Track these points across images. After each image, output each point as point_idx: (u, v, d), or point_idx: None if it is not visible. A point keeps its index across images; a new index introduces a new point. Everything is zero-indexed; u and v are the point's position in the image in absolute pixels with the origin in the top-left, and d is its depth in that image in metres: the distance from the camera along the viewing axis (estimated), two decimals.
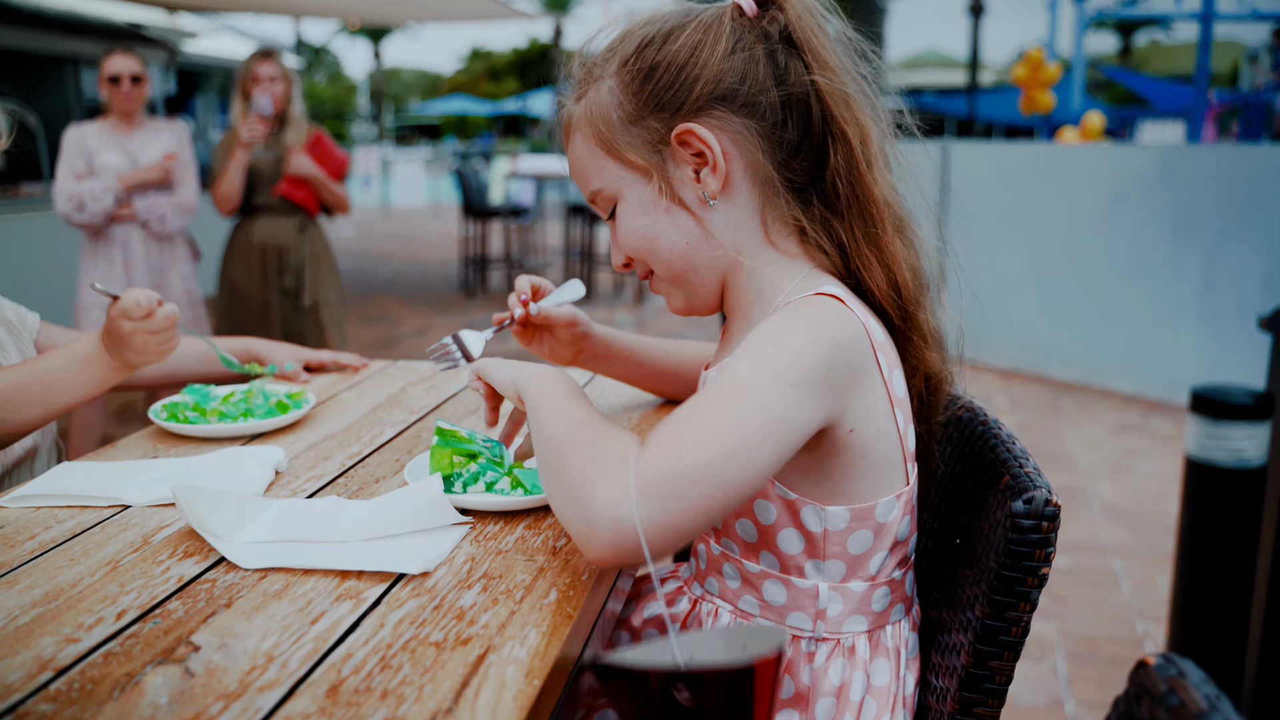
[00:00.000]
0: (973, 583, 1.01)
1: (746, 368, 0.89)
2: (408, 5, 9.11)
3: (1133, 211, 5.81)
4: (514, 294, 1.33)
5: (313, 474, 1.22)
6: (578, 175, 1.12)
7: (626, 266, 1.14)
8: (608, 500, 0.82)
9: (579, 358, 1.40)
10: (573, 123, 1.10)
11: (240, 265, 4.15)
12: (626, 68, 1.05)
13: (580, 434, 0.91)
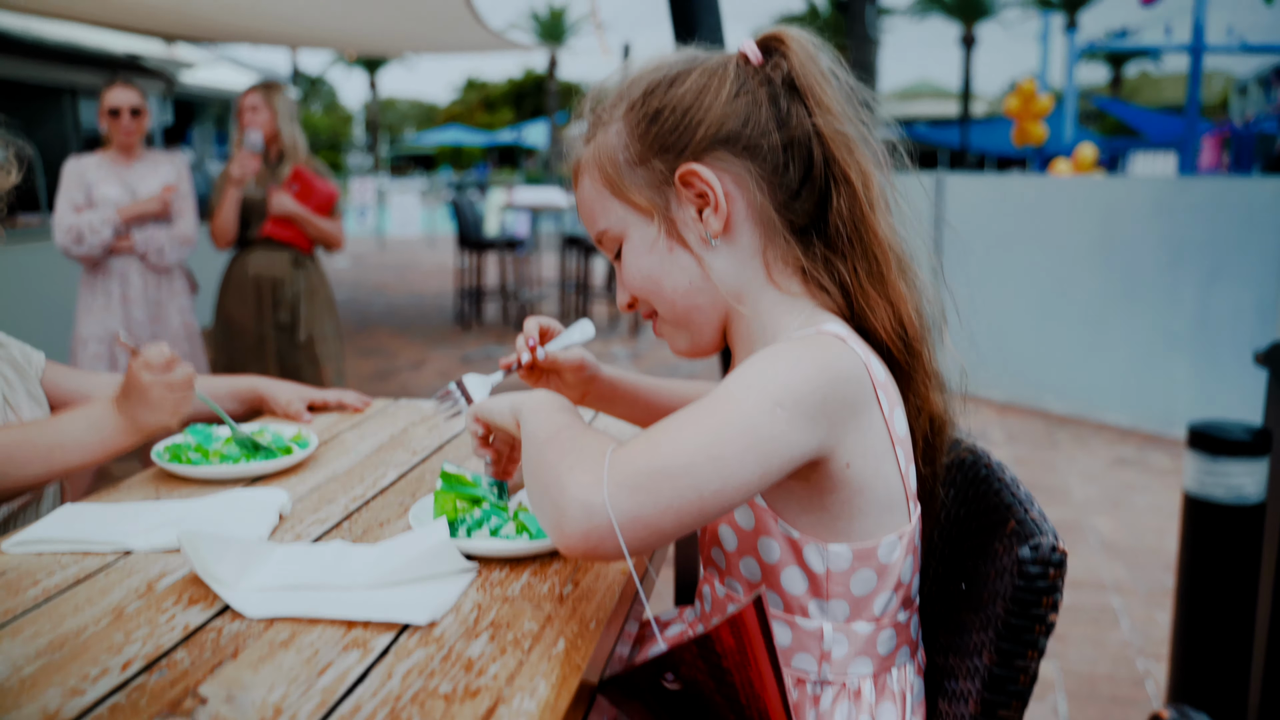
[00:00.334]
0: (979, 629, 1.01)
1: (736, 386, 0.92)
2: (404, 37, 9.17)
3: (1126, 244, 5.84)
4: (521, 336, 1.33)
5: (316, 518, 1.21)
6: (585, 216, 1.14)
7: (630, 307, 1.15)
8: (579, 487, 0.85)
9: (585, 399, 1.41)
10: (581, 165, 1.13)
11: (235, 299, 4.14)
12: (633, 111, 1.08)
13: (563, 434, 0.94)
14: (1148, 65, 46.22)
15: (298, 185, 4.02)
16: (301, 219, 4.02)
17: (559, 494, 0.86)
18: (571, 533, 0.85)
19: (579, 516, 0.84)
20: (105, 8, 6.53)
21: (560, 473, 0.88)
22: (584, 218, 1.14)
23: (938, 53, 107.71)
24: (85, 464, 1.32)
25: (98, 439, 1.32)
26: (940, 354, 1.10)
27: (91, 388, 1.60)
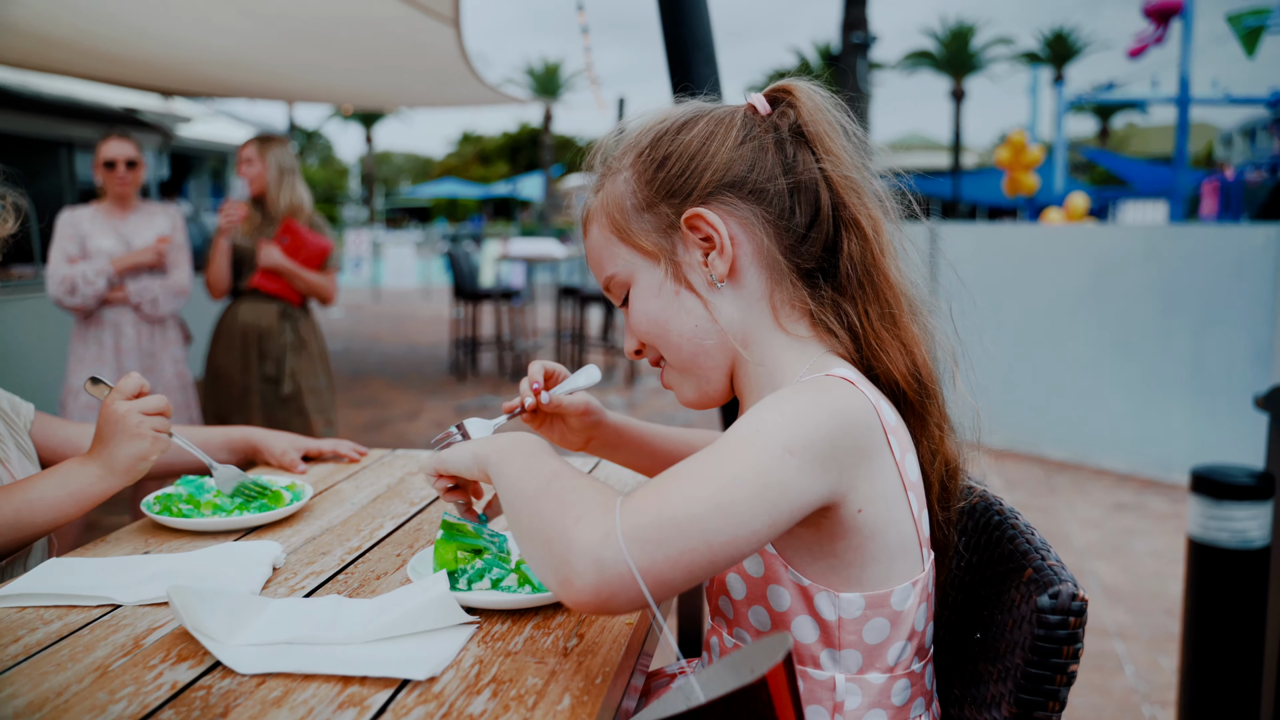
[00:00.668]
0: (997, 680, 0.98)
1: (746, 432, 0.90)
2: (400, 91, 9.25)
3: (1120, 291, 5.86)
4: (525, 380, 1.32)
5: (311, 570, 1.18)
6: (594, 263, 1.14)
7: (638, 354, 1.15)
8: (589, 541, 0.82)
9: (590, 445, 1.38)
10: (590, 214, 1.14)
11: (224, 349, 4.11)
12: (641, 158, 1.10)
13: (556, 483, 0.91)
14: (1135, 117, 46.92)
15: (288, 238, 4.01)
16: (289, 272, 4.00)
17: (565, 548, 0.83)
18: (582, 588, 0.82)
19: (589, 571, 0.81)
20: (103, 63, 6.59)
21: (564, 526, 0.84)
22: (592, 265, 1.15)
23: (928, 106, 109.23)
24: (57, 521, 1.27)
25: (67, 492, 1.27)
26: (952, 399, 1.09)
27: (81, 438, 1.57)
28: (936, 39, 41.89)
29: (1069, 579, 0.91)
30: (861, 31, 16.46)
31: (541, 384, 1.30)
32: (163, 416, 1.32)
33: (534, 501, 0.90)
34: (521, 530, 0.91)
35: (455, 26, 6.09)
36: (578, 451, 1.41)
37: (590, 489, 0.89)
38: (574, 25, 7.01)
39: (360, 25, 5.93)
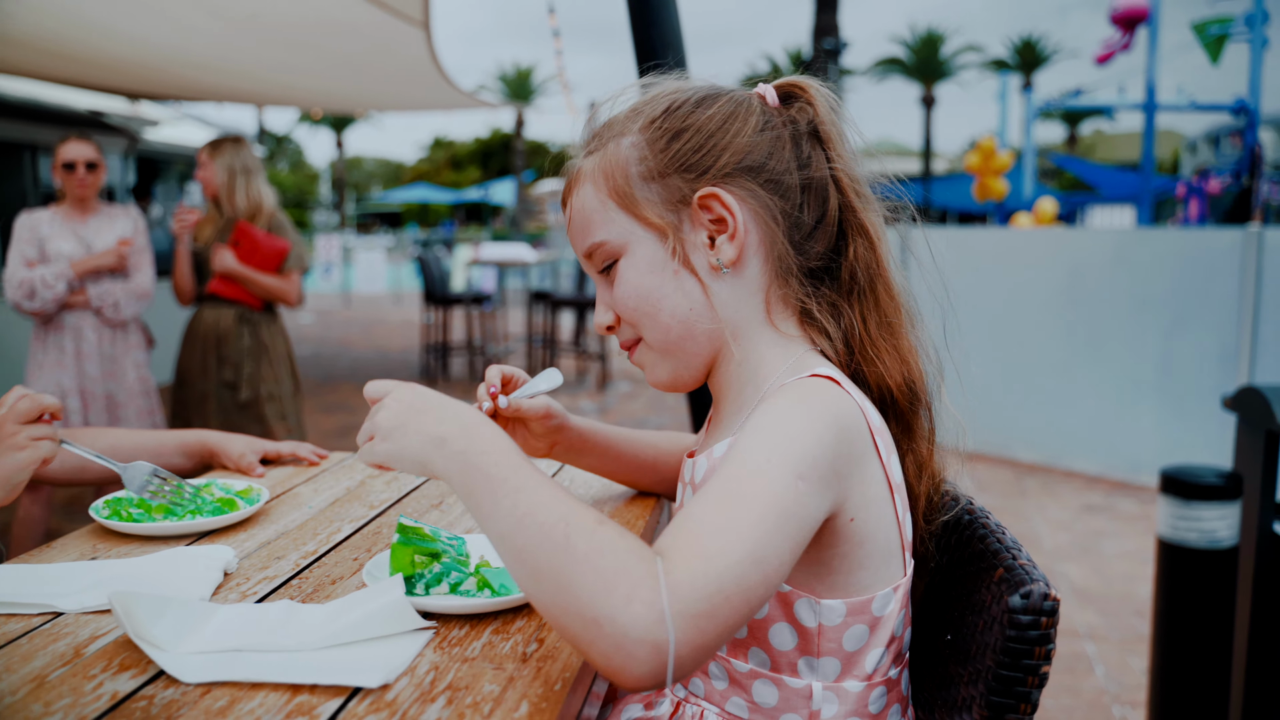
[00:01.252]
0: (968, 683, 0.95)
1: (756, 461, 0.86)
2: (371, 95, 9.19)
3: (1090, 294, 5.90)
4: (483, 385, 1.27)
5: (264, 575, 1.14)
6: (579, 227, 1.09)
7: (610, 329, 1.10)
8: (642, 627, 0.74)
9: (554, 450, 1.34)
10: (581, 174, 1.09)
11: (187, 354, 4.05)
12: (653, 126, 1.06)
13: (577, 539, 0.79)
14: (1102, 124, 47.48)
15: (241, 242, 3.94)
16: (243, 277, 3.94)
17: (616, 634, 0.74)
18: (641, 675, 0.75)
19: (647, 659, 0.74)
20: (67, 64, 6.50)
21: (611, 608, 0.75)
22: (577, 228, 1.09)
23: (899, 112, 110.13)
24: None
25: None
26: (937, 409, 1.09)
27: None
28: (907, 46, 42.20)
29: (1040, 578, 0.89)
30: (833, 38, 16.54)
31: (499, 388, 1.26)
32: (44, 424, 1.26)
33: (555, 565, 0.79)
34: (538, 578, 0.80)
35: (425, 29, 6.05)
36: (541, 458, 1.38)
37: (620, 546, 0.79)
38: (546, 31, 6.99)
39: (329, 27, 5.88)
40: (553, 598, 0.79)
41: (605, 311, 1.10)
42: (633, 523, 1.33)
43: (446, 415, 0.92)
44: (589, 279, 7.42)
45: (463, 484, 0.88)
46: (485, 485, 0.85)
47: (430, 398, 0.95)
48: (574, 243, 1.10)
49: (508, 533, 0.83)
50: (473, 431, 0.90)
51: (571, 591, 0.77)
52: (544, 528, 0.80)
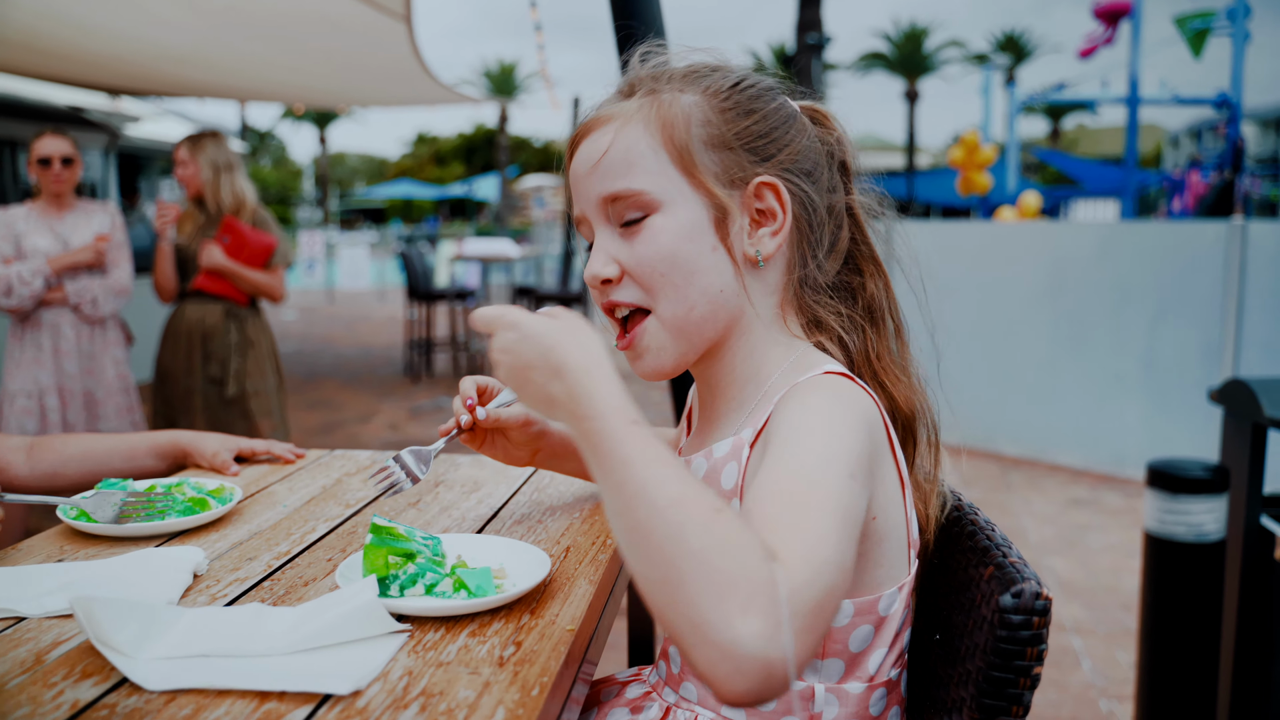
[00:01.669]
0: (958, 684, 0.93)
1: (817, 462, 0.83)
2: (352, 89, 9.12)
3: (1074, 287, 5.90)
4: (458, 398, 1.23)
5: (235, 577, 1.11)
6: (614, 167, 1.01)
7: (607, 283, 1.02)
8: (757, 642, 0.66)
9: (536, 457, 1.30)
10: (628, 115, 1.02)
11: (170, 350, 4.01)
12: (721, 96, 1.03)
13: (692, 524, 0.71)
14: (1085, 118, 47.67)
15: (229, 238, 3.91)
16: (231, 273, 3.91)
17: (727, 644, 0.67)
18: (744, 691, 0.67)
19: (755, 674, 0.66)
20: (47, 59, 6.42)
21: (726, 616, 0.67)
22: (610, 169, 1.01)
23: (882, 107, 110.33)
24: None
25: None
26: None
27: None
28: (890, 41, 42.24)
29: (1032, 577, 0.87)
30: (816, 33, 16.52)
31: (475, 399, 1.22)
32: None
33: (664, 554, 0.71)
34: (648, 583, 0.73)
35: (406, 23, 6.00)
36: (523, 467, 1.34)
37: (738, 542, 0.71)
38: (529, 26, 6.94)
39: (310, 20, 5.82)
40: (659, 589, 0.71)
41: (608, 263, 1.02)
42: None
43: (551, 371, 0.84)
44: (574, 274, 7.32)
45: (581, 451, 0.81)
46: (593, 456, 0.79)
47: (532, 350, 0.85)
48: (594, 184, 1.02)
49: (617, 509, 0.75)
50: (579, 395, 0.81)
51: (681, 587, 0.70)
52: (655, 511, 0.72)
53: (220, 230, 3.91)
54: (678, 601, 0.69)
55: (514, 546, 1.12)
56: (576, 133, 1.06)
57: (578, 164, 1.04)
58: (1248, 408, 2.55)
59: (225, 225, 3.90)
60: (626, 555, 0.75)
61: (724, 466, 1.01)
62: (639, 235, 1.00)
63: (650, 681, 1.11)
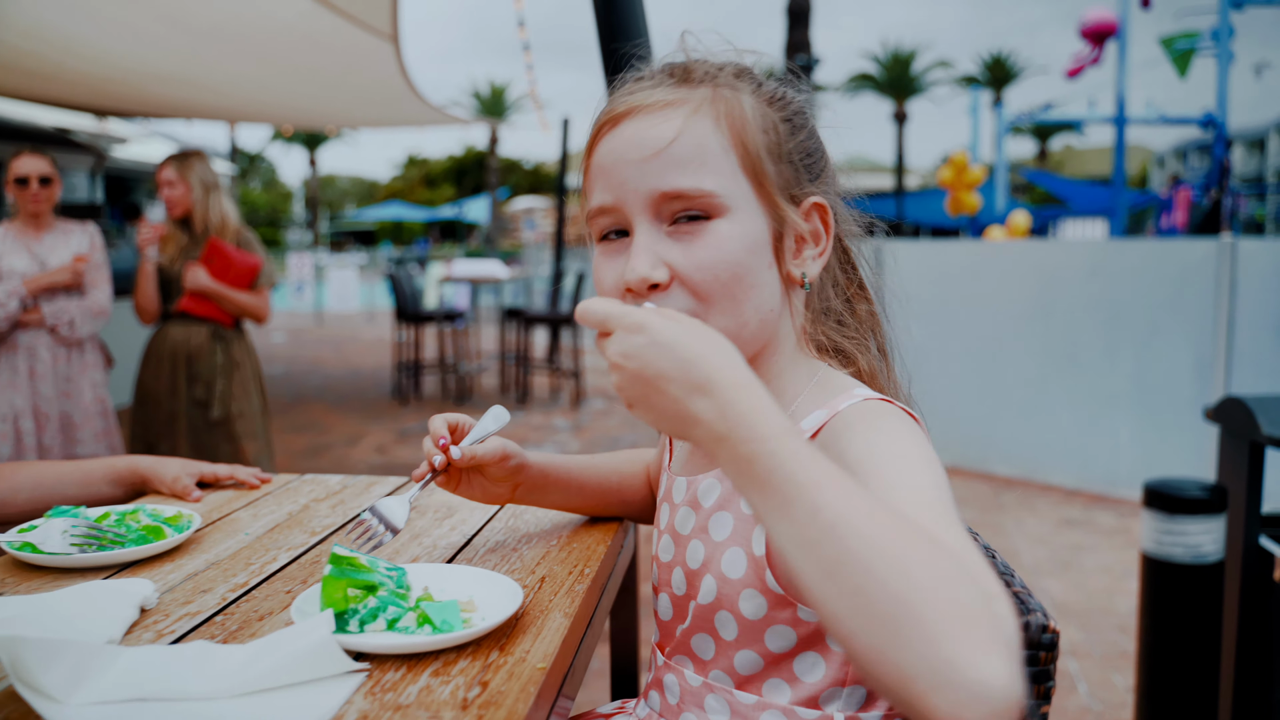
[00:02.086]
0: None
1: (934, 492, 0.75)
2: (341, 110, 9.09)
3: (1065, 306, 5.87)
4: (427, 439, 1.16)
5: (186, 611, 1.04)
6: (683, 159, 0.92)
7: (654, 289, 0.92)
8: (1006, 676, 0.58)
9: (516, 493, 1.23)
10: (689, 102, 0.94)
11: (152, 372, 3.95)
12: (776, 104, 0.97)
13: (918, 555, 0.62)
14: (1072, 139, 48.01)
15: (214, 259, 3.85)
16: (216, 294, 3.86)
17: (974, 679, 0.57)
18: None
19: (1009, 716, 0.58)
20: (31, 80, 6.36)
21: (957, 645, 0.58)
22: (676, 159, 0.92)
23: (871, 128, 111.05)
24: None
25: None
26: None
27: None
28: (878, 62, 42.48)
29: (1038, 608, 0.81)
30: (805, 54, 16.56)
31: (448, 439, 1.15)
32: None
33: (883, 593, 0.61)
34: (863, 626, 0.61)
35: (394, 43, 5.97)
36: (502, 504, 1.28)
37: (963, 574, 0.62)
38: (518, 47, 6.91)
39: (297, 40, 5.79)
40: (879, 629, 0.60)
41: (657, 266, 0.91)
42: (594, 548, 1.24)
43: (693, 386, 0.72)
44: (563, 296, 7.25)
45: (734, 477, 0.70)
46: (760, 483, 0.68)
47: (667, 360, 0.73)
48: (651, 175, 0.92)
49: (807, 540, 0.64)
50: (737, 414, 0.70)
51: (915, 626, 0.59)
52: (868, 542, 0.62)
53: (205, 252, 3.86)
54: (911, 642, 0.59)
55: (485, 577, 1.06)
56: (617, 111, 0.95)
57: (622, 147, 0.94)
58: (1245, 426, 2.50)
59: (210, 246, 3.85)
60: (819, 591, 0.63)
61: None
62: (699, 240, 0.92)
63: (640, 715, 1.05)
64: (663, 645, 1.06)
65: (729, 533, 0.96)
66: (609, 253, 0.97)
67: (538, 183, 46.91)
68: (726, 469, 0.70)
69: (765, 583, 0.92)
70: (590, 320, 0.78)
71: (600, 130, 0.97)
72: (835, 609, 0.62)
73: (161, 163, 3.94)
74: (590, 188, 0.98)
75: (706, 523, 0.99)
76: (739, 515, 0.96)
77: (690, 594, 1.00)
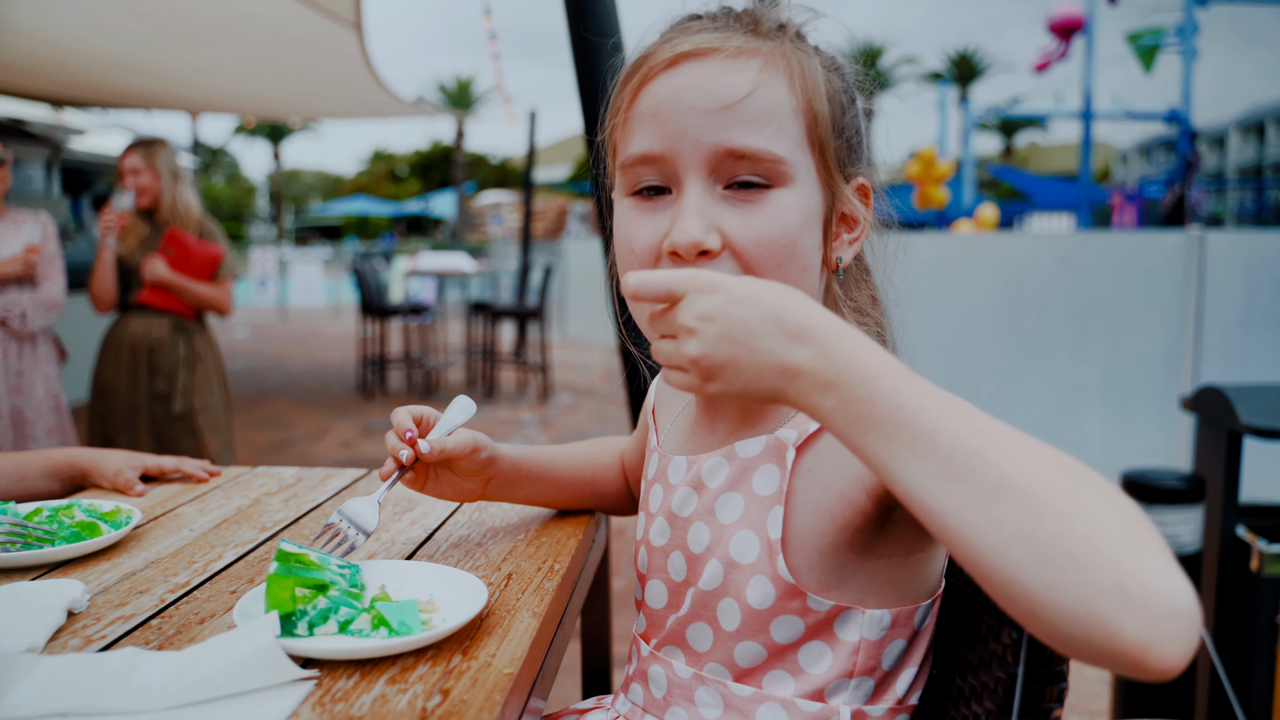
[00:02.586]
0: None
1: None
2: (304, 101, 8.94)
3: (1033, 298, 5.87)
4: (391, 434, 1.07)
5: (120, 614, 0.95)
6: (756, 116, 0.83)
7: (704, 255, 0.83)
8: (1187, 588, 0.55)
9: (489, 487, 1.15)
10: (766, 55, 0.85)
11: (110, 366, 3.83)
12: (838, 72, 0.90)
13: (1073, 475, 0.60)
14: (1036, 136, 48.49)
15: (173, 250, 3.75)
16: (176, 286, 3.75)
17: (1164, 590, 0.54)
18: (1188, 649, 0.55)
19: (1196, 630, 0.55)
20: None
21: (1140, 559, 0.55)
22: (748, 114, 0.82)
23: None
24: None
25: None
26: None
27: None
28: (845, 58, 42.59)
29: None
30: None
31: (415, 432, 1.07)
32: None
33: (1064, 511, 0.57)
34: (1032, 556, 0.57)
35: (357, 31, 5.85)
36: (473, 501, 1.19)
37: (1114, 488, 0.61)
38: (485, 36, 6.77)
39: (258, 26, 5.67)
40: (1051, 557, 0.56)
41: (711, 230, 0.82)
42: (564, 542, 1.16)
43: (790, 335, 0.66)
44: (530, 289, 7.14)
45: (848, 424, 0.64)
46: (883, 423, 0.62)
47: (754, 314, 0.67)
48: (718, 127, 0.82)
49: (953, 473, 0.60)
50: (845, 357, 0.65)
51: (1091, 546, 0.55)
52: (1022, 467, 0.59)
53: (164, 242, 3.75)
54: (1091, 561, 0.55)
55: (447, 574, 0.98)
56: (680, 50, 0.84)
57: (685, 92, 0.83)
58: (1222, 415, 2.47)
59: (170, 237, 3.75)
60: (976, 526, 0.58)
61: (756, 468, 0.88)
62: (759, 209, 0.83)
63: (622, 711, 0.98)
64: (648, 636, 0.99)
65: (739, 515, 0.89)
66: (645, 209, 0.87)
67: (505, 177, 46.66)
68: (835, 418, 0.64)
69: (776, 569, 0.85)
70: (651, 290, 0.70)
71: (653, 70, 0.85)
72: (996, 541, 0.57)
73: (125, 150, 3.82)
74: (630, 132, 0.87)
75: (713, 504, 0.92)
76: (750, 496, 0.89)
77: (690, 580, 0.93)
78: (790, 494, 0.86)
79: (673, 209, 0.85)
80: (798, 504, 0.86)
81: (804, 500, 0.86)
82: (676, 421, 1.06)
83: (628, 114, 0.87)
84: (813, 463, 0.87)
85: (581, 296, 13.21)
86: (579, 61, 2.32)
